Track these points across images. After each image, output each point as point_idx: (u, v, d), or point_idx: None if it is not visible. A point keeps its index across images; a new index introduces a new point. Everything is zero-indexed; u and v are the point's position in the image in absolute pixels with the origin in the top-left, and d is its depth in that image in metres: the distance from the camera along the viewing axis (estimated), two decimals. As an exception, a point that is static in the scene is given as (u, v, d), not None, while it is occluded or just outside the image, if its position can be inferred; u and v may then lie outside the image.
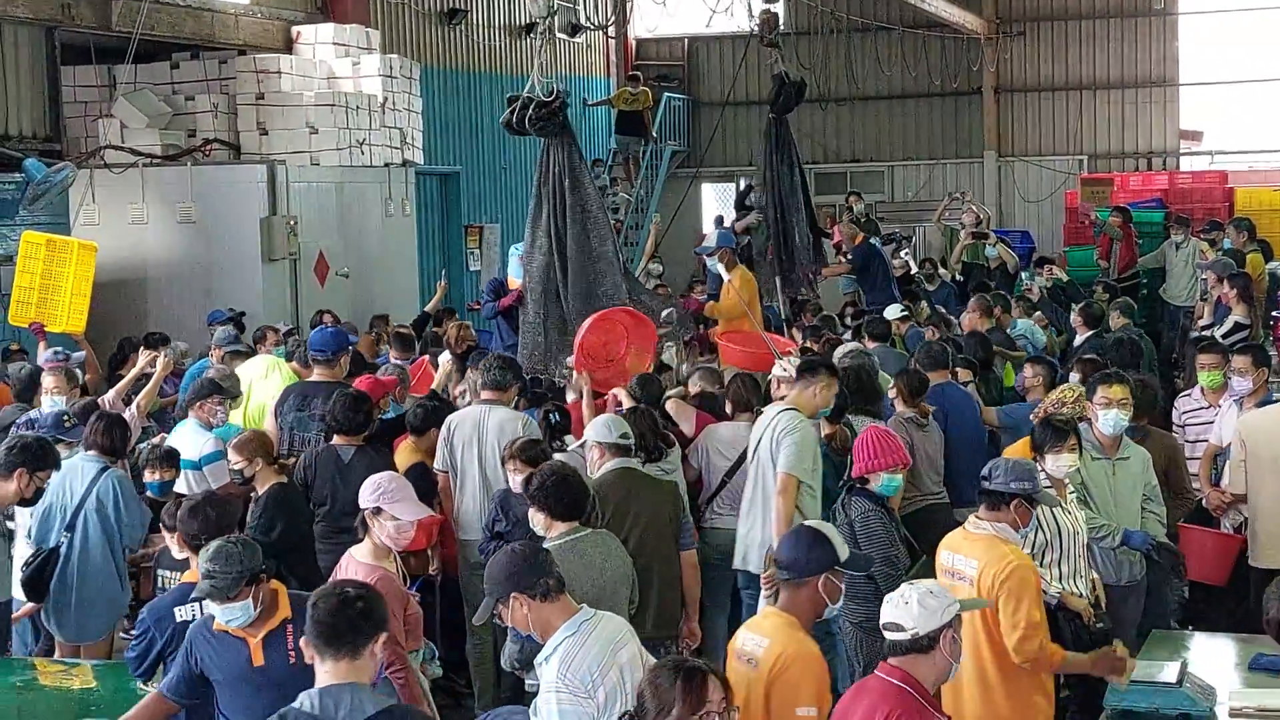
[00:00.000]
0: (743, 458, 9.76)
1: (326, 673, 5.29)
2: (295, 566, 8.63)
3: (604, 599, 6.98)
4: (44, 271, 13.71)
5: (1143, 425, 9.77)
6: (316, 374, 10.25)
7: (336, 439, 9.75)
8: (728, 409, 10.56)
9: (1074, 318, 14.90)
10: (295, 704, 5.24)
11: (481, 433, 9.93)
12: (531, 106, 12.09)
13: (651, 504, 8.59)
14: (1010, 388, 13.06)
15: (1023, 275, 20.29)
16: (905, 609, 5.54)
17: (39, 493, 8.65)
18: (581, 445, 9.33)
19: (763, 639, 6.00)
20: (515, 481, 8.75)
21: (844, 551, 6.14)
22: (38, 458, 8.45)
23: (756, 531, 9.18)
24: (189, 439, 10.52)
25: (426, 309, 16.11)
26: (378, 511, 7.24)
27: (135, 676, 6.95)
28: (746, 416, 10.17)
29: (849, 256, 19.40)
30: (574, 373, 11.19)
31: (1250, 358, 10.35)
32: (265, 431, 10.11)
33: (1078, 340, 14.26)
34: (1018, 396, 12.33)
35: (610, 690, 5.81)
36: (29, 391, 11.53)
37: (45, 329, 13.40)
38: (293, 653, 6.21)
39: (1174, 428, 11.04)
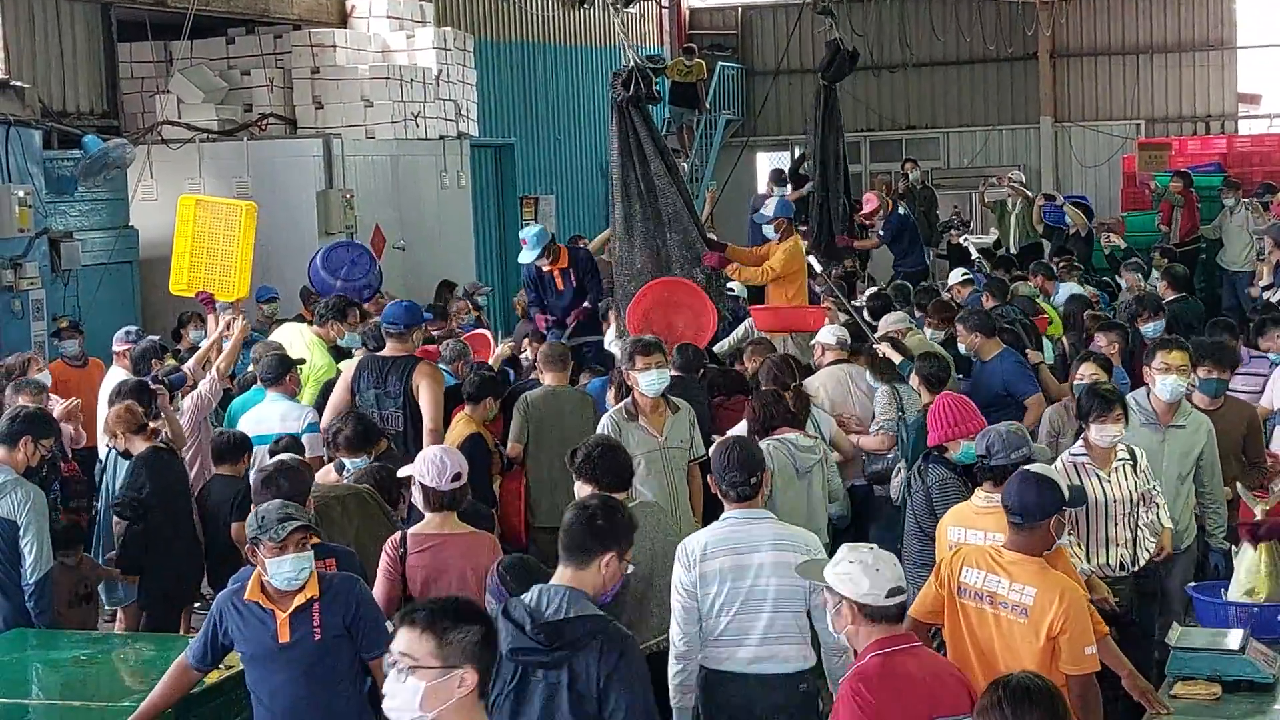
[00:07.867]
0: None
1: (555, 577, 5.60)
2: (162, 526, 9.39)
3: (658, 569, 6.99)
4: (210, 235, 12.82)
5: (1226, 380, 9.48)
6: (390, 347, 10.18)
7: None
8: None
9: (1159, 283, 14.74)
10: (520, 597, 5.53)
11: (557, 415, 10.21)
12: (651, 78, 12.39)
13: None
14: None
15: None
16: (895, 569, 5.57)
17: (44, 462, 8.66)
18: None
19: (1025, 587, 6.08)
20: None
21: (1067, 492, 6.38)
22: (40, 426, 8.39)
23: None
24: (280, 412, 10.42)
25: None
26: (458, 477, 7.13)
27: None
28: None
29: (880, 230, 19.50)
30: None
31: None
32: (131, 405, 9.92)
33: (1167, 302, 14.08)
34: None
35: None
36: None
37: (215, 299, 12.59)
38: (318, 630, 6.24)
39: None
